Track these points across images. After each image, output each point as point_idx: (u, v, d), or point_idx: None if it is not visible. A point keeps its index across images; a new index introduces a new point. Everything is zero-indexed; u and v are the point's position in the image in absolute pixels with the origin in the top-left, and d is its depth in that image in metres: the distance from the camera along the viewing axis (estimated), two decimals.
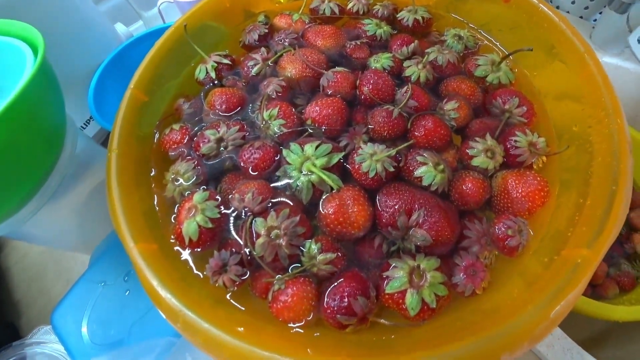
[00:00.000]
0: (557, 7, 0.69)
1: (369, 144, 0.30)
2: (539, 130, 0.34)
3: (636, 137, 0.59)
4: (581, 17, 0.67)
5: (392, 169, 0.29)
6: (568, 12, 0.68)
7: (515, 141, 0.32)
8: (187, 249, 0.31)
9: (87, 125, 0.55)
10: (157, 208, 0.34)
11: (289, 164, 0.30)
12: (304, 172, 0.29)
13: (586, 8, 0.66)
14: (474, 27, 0.43)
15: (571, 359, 0.40)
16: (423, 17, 0.41)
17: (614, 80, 0.34)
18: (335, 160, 0.29)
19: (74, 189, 0.47)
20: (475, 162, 0.31)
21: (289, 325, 0.26)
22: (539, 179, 0.30)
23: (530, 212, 0.30)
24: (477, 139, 0.32)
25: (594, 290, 0.55)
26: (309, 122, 0.33)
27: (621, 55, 0.60)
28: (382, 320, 0.25)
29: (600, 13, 0.65)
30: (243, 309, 0.28)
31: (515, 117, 0.35)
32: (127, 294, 0.43)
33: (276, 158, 0.31)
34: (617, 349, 0.52)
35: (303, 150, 0.30)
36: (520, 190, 0.30)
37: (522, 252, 0.28)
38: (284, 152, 0.30)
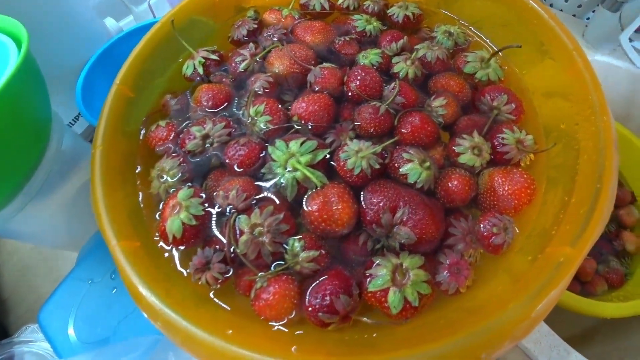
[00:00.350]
0: (551, 5, 0.69)
1: (354, 140, 0.30)
2: (528, 128, 0.34)
3: (627, 135, 0.59)
4: (574, 16, 0.67)
5: (377, 166, 0.29)
6: (561, 10, 0.67)
7: (503, 138, 0.32)
8: (171, 247, 0.30)
9: (75, 122, 0.54)
10: (142, 205, 0.34)
11: (274, 160, 0.30)
12: (288, 169, 0.29)
13: (579, 6, 0.66)
14: (465, 24, 0.43)
15: (557, 356, 0.40)
16: (414, 13, 0.41)
17: (607, 79, 0.34)
18: (320, 157, 0.29)
19: (61, 186, 0.46)
20: (461, 159, 0.31)
21: (271, 323, 0.26)
22: (525, 176, 0.30)
23: (516, 209, 0.30)
24: (464, 136, 0.32)
25: (583, 287, 0.55)
26: (295, 118, 0.32)
27: (614, 54, 0.60)
28: (365, 319, 0.25)
29: (594, 11, 0.65)
30: (227, 307, 0.28)
31: (504, 114, 0.34)
32: (114, 291, 0.43)
33: (261, 155, 0.31)
34: (605, 344, 0.52)
35: (288, 147, 0.29)
36: (506, 188, 0.30)
37: (507, 250, 0.28)
38: (270, 148, 0.30)
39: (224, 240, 0.28)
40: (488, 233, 0.28)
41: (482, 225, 0.28)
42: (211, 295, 0.29)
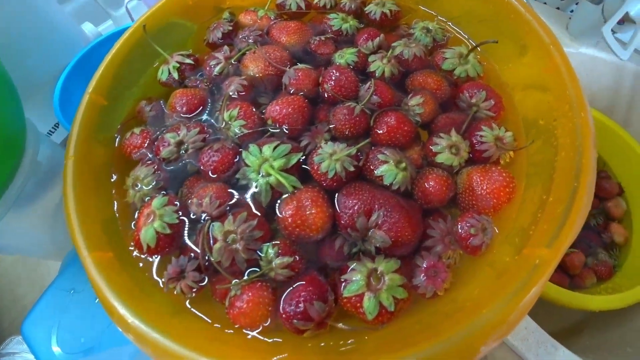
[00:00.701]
0: None
1: (329, 143, 0.29)
2: (508, 124, 0.34)
3: (613, 127, 0.59)
4: (558, 8, 0.66)
5: (352, 169, 0.28)
6: (545, 3, 0.67)
7: (481, 136, 0.31)
8: (145, 256, 0.30)
9: (55, 131, 0.53)
10: (118, 215, 0.33)
11: (247, 166, 0.29)
12: (262, 174, 0.28)
13: None
14: (443, 20, 0.42)
15: (545, 352, 0.40)
16: (391, 10, 0.40)
17: (591, 71, 0.33)
18: (293, 161, 0.28)
19: (41, 197, 0.46)
20: (439, 158, 0.30)
21: (245, 331, 0.25)
22: (504, 174, 0.30)
23: (495, 209, 0.29)
24: (441, 134, 0.31)
25: (572, 280, 0.55)
26: (269, 122, 0.32)
27: (597, 46, 0.59)
28: (340, 325, 0.24)
29: (577, 4, 0.65)
30: (204, 316, 0.28)
31: (483, 111, 0.34)
32: (97, 301, 0.42)
33: (235, 160, 0.31)
34: (594, 337, 0.52)
35: (261, 152, 0.29)
36: (485, 187, 0.29)
37: (486, 250, 0.28)
38: (243, 154, 0.30)
39: (197, 249, 0.27)
40: (466, 234, 0.27)
41: (460, 226, 0.28)
42: (187, 304, 0.28)
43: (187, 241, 0.28)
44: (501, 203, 0.29)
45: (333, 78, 0.32)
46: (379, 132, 0.31)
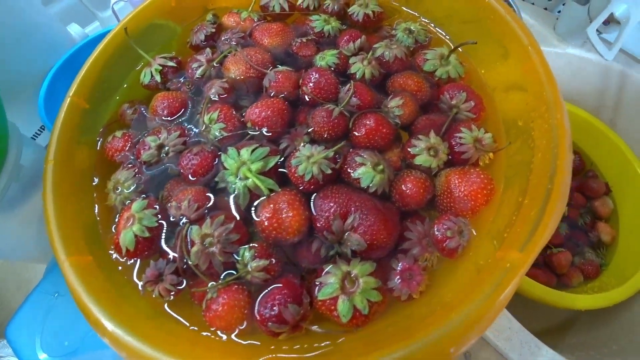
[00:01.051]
0: None
1: (307, 145, 0.29)
2: (488, 125, 0.34)
3: (599, 127, 0.59)
4: (545, 9, 0.67)
5: (329, 171, 0.28)
6: (533, 3, 0.67)
7: (460, 138, 0.31)
8: (125, 260, 0.30)
9: (40, 134, 0.53)
10: (99, 218, 0.33)
11: (226, 169, 0.29)
12: (240, 177, 0.28)
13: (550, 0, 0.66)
14: (426, 21, 0.42)
15: (529, 351, 0.40)
16: (374, 12, 0.40)
17: (578, 72, 0.33)
18: (271, 163, 0.28)
19: (27, 200, 0.46)
20: (417, 160, 0.31)
21: (220, 334, 0.25)
22: (482, 176, 0.30)
23: (473, 211, 0.29)
24: (420, 136, 0.31)
25: (559, 279, 0.55)
26: (249, 124, 0.32)
27: (584, 46, 0.59)
28: (315, 328, 0.25)
29: (564, 4, 0.65)
30: (181, 319, 0.28)
31: (463, 112, 0.34)
32: None
33: (215, 163, 0.31)
34: (581, 335, 0.53)
35: (240, 155, 0.29)
36: (462, 189, 0.29)
37: (463, 253, 0.28)
38: (222, 157, 0.30)
39: (172, 253, 0.28)
40: (442, 237, 0.27)
41: (436, 228, 0.28)
42: (166, 307, 0.28)
43: (167, 242, 0.28)
44: (479, 205, 0.29)
45: (312, 80, 0.32)
46: (358, 134, 0.31)
